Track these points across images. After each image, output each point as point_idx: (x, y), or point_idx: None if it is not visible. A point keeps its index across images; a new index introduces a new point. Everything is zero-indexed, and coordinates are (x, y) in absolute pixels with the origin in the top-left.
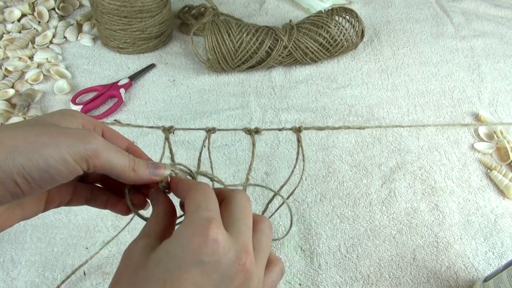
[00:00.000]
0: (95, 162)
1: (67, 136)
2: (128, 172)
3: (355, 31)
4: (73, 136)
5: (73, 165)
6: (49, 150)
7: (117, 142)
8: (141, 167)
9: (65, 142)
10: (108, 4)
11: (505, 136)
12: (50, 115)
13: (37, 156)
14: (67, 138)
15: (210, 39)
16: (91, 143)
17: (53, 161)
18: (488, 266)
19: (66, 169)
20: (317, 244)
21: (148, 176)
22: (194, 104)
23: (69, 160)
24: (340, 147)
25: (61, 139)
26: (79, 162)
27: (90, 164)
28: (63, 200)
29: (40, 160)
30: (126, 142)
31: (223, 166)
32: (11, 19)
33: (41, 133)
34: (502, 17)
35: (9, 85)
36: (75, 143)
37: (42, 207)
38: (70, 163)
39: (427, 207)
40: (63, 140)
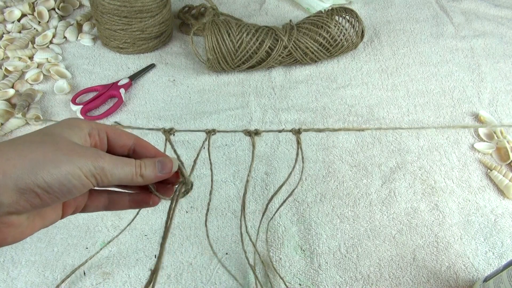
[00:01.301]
0: (103, 178)
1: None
2: (136, 179)
3: (355, 31)
4: (83, 155)
5: (85, 180)
6: (66, 167)
7: (123, 140)
8: (149, 170)
9: (78, 160)
10: (108, 4)
11: (505, 136)
12: (59, 126)
13: (57, 171)
14: (79, 157)
15: (210, 39)
16: (98, 162)
17: (70, 176)
18: (488, 266)
19: (80, 183)
20: (317, 244)
21: (157, 177)
22: (194, 104)
23: (82, 177)
24: (340, 147)
25: (75, 158)
26: (90, 178)
27: (98, 180)
28: (78, 206)
29: (59, 175)
30: (132, 138)
31: (223, 166)
32: (11, 19)
33: (57, 150)
34: (502, 17)
35: (9, 85)
36: (86, 163)
37: (60, 214)
38: (83, 179)
39: (427, 207)
40: (77, 158)
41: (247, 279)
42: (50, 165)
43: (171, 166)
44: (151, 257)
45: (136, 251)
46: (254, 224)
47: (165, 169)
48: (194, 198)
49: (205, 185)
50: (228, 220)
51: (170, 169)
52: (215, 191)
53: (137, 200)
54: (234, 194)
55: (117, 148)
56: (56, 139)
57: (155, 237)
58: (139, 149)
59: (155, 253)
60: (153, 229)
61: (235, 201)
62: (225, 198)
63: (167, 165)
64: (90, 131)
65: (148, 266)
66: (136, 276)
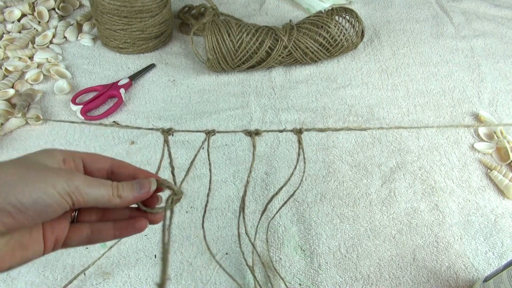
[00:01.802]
0: (78, 197)
1: (52, 174)
2: (114, 200)
3: (355, 31)
4: (56, 174)
5: (59, 199)
6: (39, 185)
7: (99, 164)
8: (126, 191)
9: (51, 179)
10: (108, 4)
11: (505, 136)
12: (33, 154)
13: (29, 189)
14: (52, 176)
15: (210, 39)
16: (73, 181)
17: (43, 194)
18: (488, 266)
19: (55, 202)
20: (317, 244)
21: (135, 198)
22: (194, 104)
23: (56, 195)
24: (340, 147)
25: (48, 176)
26: (64, 197)
27: (74, 200)
28: (59, 239)
29: (32, 193)
30: (109, 161)
31: (223, 166)
32: (11, 19)
33: (29, 169)
34: (502, 17)
35: (9, 85)
36: (59, 181)
37: (41, 246)
38: (57, 198)
39: (427, 207)
40: (49, 177)
41: (247, 279)
42: (22, 183)
43: (149, 186)
44: (151, 257)
45: (136, 251)
46: (254, 224)
47: (144, 189)
48: (194, 198)
49: (205, 185)
50: (228, 220)
51: (149, 189)
52: (215, 191)
53: (122, 227)
54: (234, 194)
55: (95, 172)
56: (29, 162)
57: (155, 237)
58: (118, 170)
59: (155, 253)
60: (153, 229)
61: (235, 201)
62: (225, 198)
63: (145, 185)
64: (64, 157)
65: (148, 266)
66: (136, 276)
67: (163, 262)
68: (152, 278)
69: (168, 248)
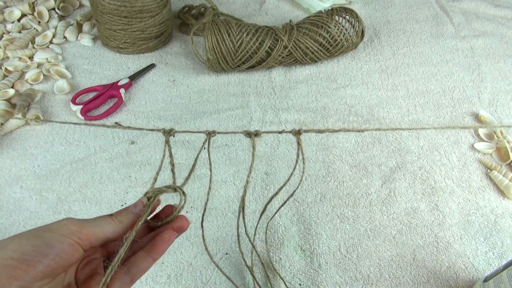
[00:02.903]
0: (87, 236)
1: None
2: (117, 225)
3: (355, 31)
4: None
5: (63, 238)
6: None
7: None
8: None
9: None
10: (108, 4)
11: (505, 136)
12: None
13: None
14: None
15: (210, 39)
16: (74, 224)
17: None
18: (488, 266)
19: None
20: (317, 244)
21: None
22: (194, 104)
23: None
24: (340, 147)
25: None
26: (70, 236)
27: (85, 241)
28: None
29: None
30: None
31: (223, 166)
32: (11, 19)
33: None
34: (502, 17)
35: (9, 85)
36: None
37: None
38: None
39: (427, 207)
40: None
41: (247, 279)
42: (16, 238)
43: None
44: None
45: None
46: (254, 224)
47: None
48: (194, 198)
49: (205, 185)
50: (228, 220)
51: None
52: (215, 191)
53: (154, 246)
54: (234, 194)
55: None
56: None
57: None
58: None
59: None
60: None
61: (235, 201)
62: (225, 198)
63: (138, 204)
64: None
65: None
66: None
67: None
68: (152, 278)
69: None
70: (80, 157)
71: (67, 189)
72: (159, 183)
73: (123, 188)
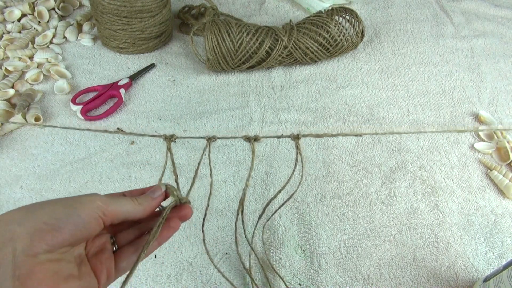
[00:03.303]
0: (110, 212)
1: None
2: (137, 207)
3: (355, 31)
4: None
5: (91, 212)
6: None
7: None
8: (143, 198)
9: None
10: (108, 4)
11: (505, 136)
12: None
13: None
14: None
15: (210, 39)
16: (98, 199)
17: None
18: (488, 266)
19: (87, 215)
20: (317, 244)
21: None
22: (194, 104)
23: (87, 209)
24: (340, 147)
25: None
26: (95, 210)
27: (107, 216)
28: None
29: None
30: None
31: (223, 166)
32: (11, 19)
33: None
34: (502, 17)
35: (9, 85)
36: (86, 202)
37: (94, 280)
38: (88, 211)
39: (427, 207)
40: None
41: (247, 279)
42: (51, 204)
43: (160, 189)
44: (151, 257)
45: None
46: (254, 224)
47: (157, 192)
48: (194, 198)
49: (205, 186)
50: (228, 221)
51: (161, 191)
52: (215, 191)
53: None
54: (234, 194)
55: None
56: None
57: None
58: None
59: (154, 253)
60: None
61: (235, 201)
62: (225, 198)
63: (157, 190)
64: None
65: (147, 266)
66: (136, 276)
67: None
68: (152, 278)
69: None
70: (80, 157)
71: (67, 189)
72: None
73: (123, 188)
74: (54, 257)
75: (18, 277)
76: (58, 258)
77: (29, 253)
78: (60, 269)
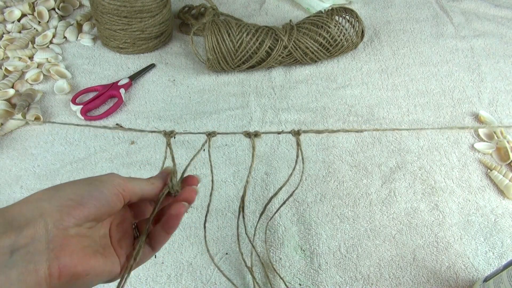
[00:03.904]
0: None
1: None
2: (151, 186)
3: (355, 31)
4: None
5: (112, 189)
6: (92, 182)
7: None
8: (156, 178)
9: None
10: (108, 4)
11: (505, 136)
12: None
13: (84, 186)
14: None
15: (210, 39)
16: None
17: (97, 187)
18: (488, 266)
19: (109, 192)
20: (317, 244)
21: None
22: (194, 104)
23: (108, 187)
24: (340, 147)
25: (96, 179)
26: (116, 187)
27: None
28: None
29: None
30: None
31: (223, 166)
32: (11, 19)
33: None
34: (502, 17)
35: (9, 85)
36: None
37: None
38: (110, 188)
39: (427, 207)
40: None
41: (247, 279)
42: (75, 184)
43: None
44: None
45: None
46: (254, 224)
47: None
48: None
49: (205, 185)
50: (228, 220)
51: (169, 170)
52: (215, 191)
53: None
54: (234, 194)
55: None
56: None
57: None
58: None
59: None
60: None
61: (235, 201)
62: (225, 198)
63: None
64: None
65: (148, 266)
66: (136, 276)
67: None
68: (152, 278)
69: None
70: (80, 157)
71: None
72: None
73: None
74: (82, 232)
75: (52, 249)
76: (86, 234)
77: (59, 226)
78: (88, 244)
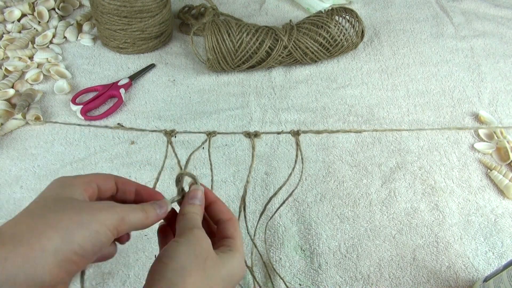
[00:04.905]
0: (123, 228)
1: (101, 212)
2: (145, 220)
3: (355, 31)
4: (104, 210)
5: (110, 235)
6: (94, 226)
7: (128, 187)
8: (151, 211)
9: (101, 217)
10: (108, 4)
11: (505, 136)
12: (57, 189)
13: (88, 233)
14: (100, 213)
15: (210, 39)
16: (118, 214)
17: (99, 235)
18: (488, 266)
19: (107, 239)
20: (317, 244)
21: (158, 217)
22: (194, 104)
23: (107, 232)
24: (340, 147)
25: (97, 215)
26: (112, 232)
27: (119, 231)
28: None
29: (91, 236)
30: (135, 185)
31: (223, 166)
32: (11, 19)
33: (79, 212)
34: (502, 17)
35: (9, 85)
36: (108, 217)
37: None
38: (108, 234)
39: (427, 207)
40: (99, 215)
41: (247, 279)
42: (80, 228)
43: (166, 206)
44: (151, 257)
45: (136, 251)
46: (254, 224)
47: (163, 210)
48: None
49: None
50: None
51: (166, 209)
52: (215, 191)
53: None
54: (234, 194)
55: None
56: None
57: (155, 237)
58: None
59: (155, 253)
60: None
61: (235, 201)
62: (225, 198)
63: (163, 206)
64: (84, 187)
65: (147, 266)
66: (136, 276)
67: None
68: None
69: None
70: (80, 157)
71: None
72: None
73: None
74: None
75: None
76: None
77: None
78: None
